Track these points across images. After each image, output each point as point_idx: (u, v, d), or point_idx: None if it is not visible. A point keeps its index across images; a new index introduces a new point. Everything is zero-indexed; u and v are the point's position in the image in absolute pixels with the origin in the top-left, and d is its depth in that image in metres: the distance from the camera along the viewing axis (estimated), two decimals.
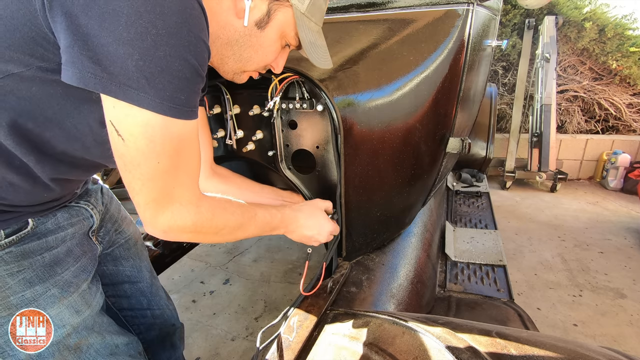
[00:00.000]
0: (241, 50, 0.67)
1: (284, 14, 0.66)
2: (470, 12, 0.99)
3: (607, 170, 3.58)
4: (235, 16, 0.63)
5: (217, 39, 0.65)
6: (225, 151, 1.09)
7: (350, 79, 0.92)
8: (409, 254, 1.32)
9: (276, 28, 0.67)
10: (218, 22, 0.63)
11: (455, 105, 1.12)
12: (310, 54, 0.69)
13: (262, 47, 0.68)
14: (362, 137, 0.95)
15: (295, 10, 0.66)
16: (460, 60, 1.04)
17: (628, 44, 3.67)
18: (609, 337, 1.78)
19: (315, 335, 0.77)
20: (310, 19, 0.69)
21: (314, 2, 0.67)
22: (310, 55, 0.69)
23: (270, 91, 0.93)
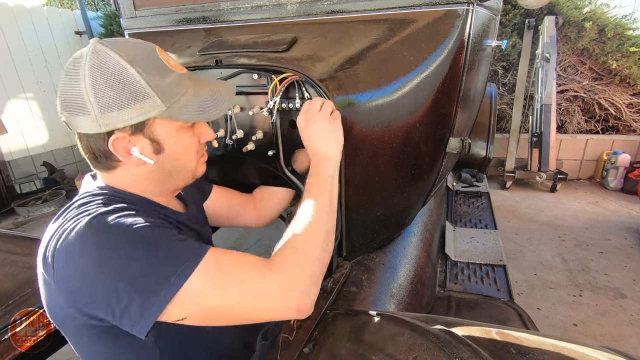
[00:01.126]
0: (173, 170, 0.71)
1: (160, 126, 0.65)
2: (470, 12, 0.99)
3: (607, 170, 3.58)
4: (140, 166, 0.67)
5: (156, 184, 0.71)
6: (225, 151, 1.09)
7: (350, 79, 0.92)
8: (409, 254, 1.32)
9: (169, 138, 0.67)
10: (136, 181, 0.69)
11: (455, 105, 1.12)
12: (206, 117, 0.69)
13: (179, 155, 0.70)
14: (362, 137, 0.95)
15: (160, 116, 0.64)
16: (460, 60, 1.04)
17: (628, 44, 3.67)
18: (609, 337, 1.78)
19: (316, 335, 0.77)
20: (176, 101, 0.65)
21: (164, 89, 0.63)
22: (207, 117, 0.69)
23: (270, 91, 0.93)
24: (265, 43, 1.05)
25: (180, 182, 0.76)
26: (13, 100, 3.96)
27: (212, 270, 0.58)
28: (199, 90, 0.69)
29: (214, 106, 0.69)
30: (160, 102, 0.62)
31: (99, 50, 0.59)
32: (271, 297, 0.61)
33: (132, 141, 0.64)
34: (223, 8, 1.21)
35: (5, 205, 3.74)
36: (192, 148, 0.72)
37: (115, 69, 0.59)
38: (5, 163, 3.92)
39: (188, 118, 0.66)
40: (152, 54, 0.64)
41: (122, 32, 1.44)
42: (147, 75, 0.61)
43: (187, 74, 0.69)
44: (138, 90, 0.60)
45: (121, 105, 0.59)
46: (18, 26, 3.95)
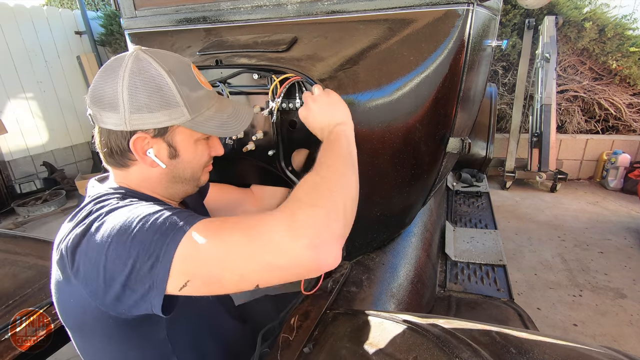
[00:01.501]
0: (182, 176, 0.74)
1: (180, 134, 0.69)
2: (470, 12, 0.99)
3: (607, 170, 3.58)
4: (153, 167, 0.70)
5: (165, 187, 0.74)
6: (226, 151, 1.09)
7: (350, 79, 0.92)
8: (409, 254, 1.32)
9: (186, 146, 0.71)
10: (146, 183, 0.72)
11: (455, 105, 1.12)
12: (225, 133, 0.73)
13: (190, 164, 0.74)
14: (362, 137, 0.95)
15: (184, 125, 0.68)
16: (460, 60, 1.04)
17: (628, 44, 3.67)
18: (609, 337, 1.78)
19: (316, 335, 0.77)
20: (200, 114, 0.69)
21: (192, 101, 0.67)
22: (225, 133, 0.73)
23: (270, 92, 0.93)
24: (265, 43, 1.05)
25: (187, 189, 0.78)
26: (13, 100, 3.96)
27: (210, 225, 0.55)
28: (222, 108, 0.74)
29: (234, 124, 0.74)
30: (187, 112, 0.67)
31: (141, 58, 0.65)
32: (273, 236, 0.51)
33: (151, 143, 0.68)
34: (223, 8, 1.21)
35: (5, 205, 3.74)
36: (203, 159, 0.76)
37: (154, 76, 0.64)
38: (5, 163, 3.92)
39: (208, 131, 0.71)
40: (187, 68, 0.70)
41: (122, 32, 1.44)
42: (180, 86, 0.66)
43: (214, 92, 0.75)
44: (170, 98, 0.65)
45: (151, 108, 0.64)
46: (18, 26, 3.95)
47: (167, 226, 0.55)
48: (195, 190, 0.81)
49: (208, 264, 0.53)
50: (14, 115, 3.97)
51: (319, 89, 0.84)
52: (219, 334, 0.82)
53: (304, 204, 0.56)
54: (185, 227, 0.55)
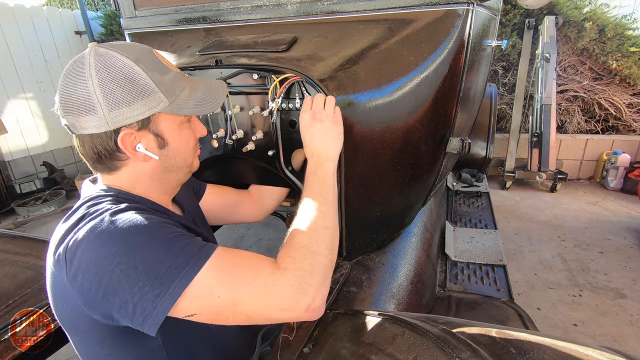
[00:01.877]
0: (175, 164, 0.74)
1: (164, 121, 0.69)
2: (470, 12, 0.99)
3: (607, 170, 3.58)
4: (145, 162, 0.70)
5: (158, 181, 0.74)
6: (226, 151, 1.09)
7: (350, 79, 0.92)
8: (409, 254, 1.32)
9: (172, 132, 0.71)
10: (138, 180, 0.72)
11: (455, 105, 1.12)
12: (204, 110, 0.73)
13: (179, 150, 0.74)
14: (362, 137, 0.95)
15: (164, 111, 0.67)
16: (460, 60, 1.04)
17: (628, 44, 3.66)
18: (609, 337, 1.78)
19: (316, 336, 0.77)
20: (177, 97, 0.69)
21: (166, 86, 0.67)
22: (204, 110, 0.73)
23: (270, 92, 0.93)
24: (265, 43, 1.05)
25: (181, 177, 0.78)
26: (13, 100, 3.96)
27: (223, 266, 0.59)
28: (195, 87, 0.73)
29: (210, 100, 0.74)
30: (164, 98, 0.66)
31: (101, 53, 0.62)
32: (282, 298, 0.60)
33: (138, 137, 0.66)
34: (223, 8, 1.21)
35: (5, 205, 3.74)
36: (191, 143, 0.76)
37: (122, 68, 0.62)
38: (5, 163, 3.92)
39: (190, 111, 0.70)
40: (151, 53, 0.68)
41: (122, 32, 1.44)
42: (151, 72, 0.64)
43: (181, 73, 0.74)
44: (144, 87, 0.63)
45: (129, 101, 0.62)
46: (18, 26, 3.95)
47: (182, 260, 0.57)
48: (188, 177, 0.81)
49: (218, 308, 0.58)
50: (14, 115, 3.97)
51: (333, 102, 0.83)
52: (218, 340, 0.82)
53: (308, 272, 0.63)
54: (199, 263, 0.57)
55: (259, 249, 2.62)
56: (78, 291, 0.57)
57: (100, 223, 0.58)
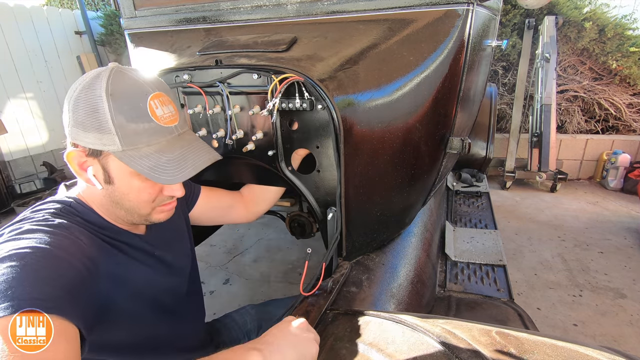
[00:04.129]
0: (121, 203, 0.70)
1: (113, 161, 0.66)
2: (470, 12, 0.99)
3: (607, 170, 3.58)
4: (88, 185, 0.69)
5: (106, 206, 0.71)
6: (225, 151, 1.09)
7: (350, 79, 0.92)
8: (409, 254, 1.32)
9: (120, 176, 0.67)
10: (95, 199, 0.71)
11: (455, 105, 1.12)
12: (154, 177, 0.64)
13: (130, 194, 0.69)
14: (362, 137, 0.95)
15: (114, 154, 0.64)
16: (460, 60, 1.04)
17: (628, 44, 3.66)
18: (609, 337, 1.78)
19: None
20: (135, 149, 0.64)
21: (126, 133, 0.63)
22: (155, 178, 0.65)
23: (270, 92, 0.93)
24: (265, 43, 1.05)
25: (130, 218, 0.73)
26: (13, 100, 3.95)
27: None
28: (167, 150, 0.67)
29: (171, 171, 0.66)
30: (119, 142, 0.63)
31: (101, 75, 0.63)
32: None
33: (89, 162, 0.67)
34: (223, 8, 1.21)
35: (5, 205, 3.74)
36: (143, 195, 0.70)
37: (94, 96, 0.62)
38: (5, 163, 3.92)
39: (138, 169, 0.65)
40: (141, 97, 0.65)
41: (122, 32, 1.44)
42: (116, 113, 0.62)
43: (170, 129, 0.68)
44: (103, 123, 0.62)
45: (86, 127, 0.63)
46: (18, 26, 3.95)
47: None
48: (144, 224, 0.77)
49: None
50: (14, 115, 3.96)
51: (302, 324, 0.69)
52: None
53: None
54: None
55: (259, 249, 2.62)
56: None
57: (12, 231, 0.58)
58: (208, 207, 1.06)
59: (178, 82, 1.04)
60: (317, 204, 1.08)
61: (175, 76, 1.04)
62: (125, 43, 1.52)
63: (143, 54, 1.34)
